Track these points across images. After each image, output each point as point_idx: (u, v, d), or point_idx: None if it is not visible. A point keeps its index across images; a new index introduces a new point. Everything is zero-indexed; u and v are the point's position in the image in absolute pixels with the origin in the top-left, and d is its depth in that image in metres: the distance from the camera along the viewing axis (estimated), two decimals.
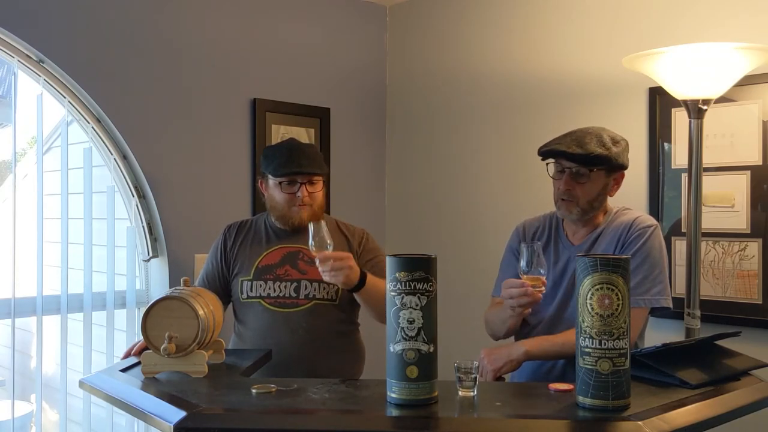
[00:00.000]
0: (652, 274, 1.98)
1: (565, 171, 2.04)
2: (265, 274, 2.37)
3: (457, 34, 3.55)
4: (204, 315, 1.87)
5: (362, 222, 2.61)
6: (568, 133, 2.06)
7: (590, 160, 1.99)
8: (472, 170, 3.50)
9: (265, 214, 2.49)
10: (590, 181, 2.03)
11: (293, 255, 2.38)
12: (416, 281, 1.50)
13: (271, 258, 2.39)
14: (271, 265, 2.38)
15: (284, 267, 2.37)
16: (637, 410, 1.47)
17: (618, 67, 2.73)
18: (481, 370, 2.01)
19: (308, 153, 2.38)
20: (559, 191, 2.06)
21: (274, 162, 2.34)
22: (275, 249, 2.40)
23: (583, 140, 2.01)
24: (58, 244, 2.91)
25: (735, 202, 2.64)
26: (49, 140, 3.27)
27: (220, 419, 1.53)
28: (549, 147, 2.05)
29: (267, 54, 3.39)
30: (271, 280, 2.35)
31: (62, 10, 2.78)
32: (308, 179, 2.34)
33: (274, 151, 2.40)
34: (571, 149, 1.99)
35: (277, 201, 2.36)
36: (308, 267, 2.33)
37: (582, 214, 2.06)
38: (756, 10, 2.58)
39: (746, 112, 2.60)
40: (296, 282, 2.35)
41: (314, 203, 2.36)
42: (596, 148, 1.99)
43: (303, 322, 2.32)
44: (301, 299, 2.34)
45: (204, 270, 2.51)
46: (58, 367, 2.95)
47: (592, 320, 1.47)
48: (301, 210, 2.34)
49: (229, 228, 2.51)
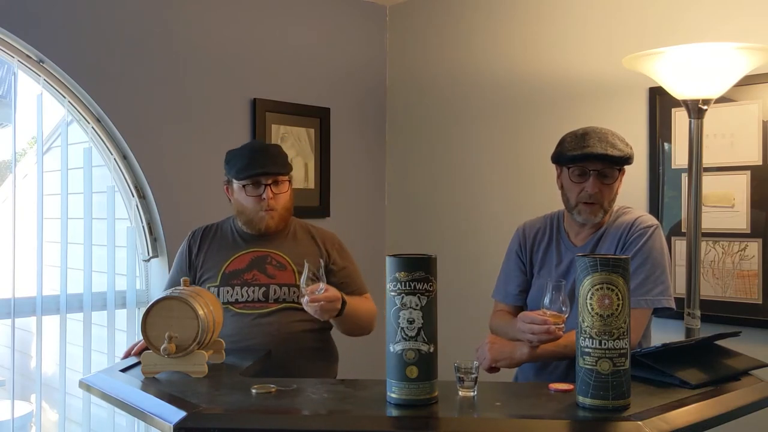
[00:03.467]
0: (653, 274, 1.97)
1: (589, 173, 1.99)
2: (232, 280, 2.31)
3: (457, 34, 3.55)
4: (204, 315, 1.87)
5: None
6: (583, 135, 2.01)
7: (624, 160, 1.98)
8: (472, 170, 3.50)
9: (232, 218, 2.43)
10: (615, 182, 2.01)
11: (261, 259, 2.32)
12: (416, 281, 1.49)
13: (239, 263, 2.33)
14: (238, 270, 2.32)
15: (252, 272, 2.31)
16: (637, 410, 1.47)
17: (618, 67, 2.73)
18: (478, 354, 2.02)
19: (271, 153, 2.33)
20: (584, 194, 2.00)
21: (237, 165, 2.29)
22: (242, 254, 2.34)
23: (609, 140, 1.98)
24: (58, 244, 2.91)
25: (735, 202, 2.64)
26: (49, 140, 3.27)
27: (220, 419, 1.53)
28: (582, 151, 1.97)
29: (267, 54, 3.39)
30: (239, 286, 2.29)
31: (62, 10, 2.78)
32: (273, 180, 2.29)
33: (236, 154, 2.34)
34: (609, 151, 1.95)
35: (244, 205, 2.31)
36: (277, 271, 2.30)
37: (603, 216, 2.04)
38: (756, 10, 2.58)
39: (746, 112, 2.60)
40: (265, 287, 2.29)
41: (279, 205, 2.31)
42: (626, 148, 1.98)
43: (275, 323, 2.27)
44: (270, 303, 2.29)
45: (170, 277, 2.45)
46: (57, 367, 2.95)
47: (592, 320, 1.47)
48: (267, 215, 2.29)
49: (194, 234, 2.44)
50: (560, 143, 2.07)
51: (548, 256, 2.13)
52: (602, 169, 1.98)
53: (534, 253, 2.18)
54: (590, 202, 2.00)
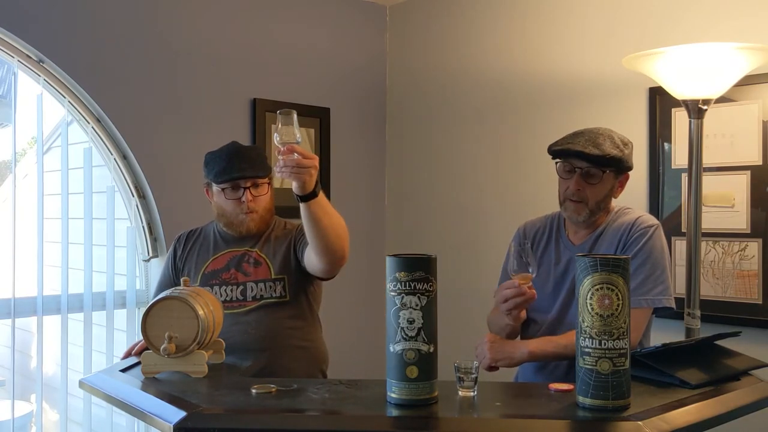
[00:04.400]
0: (653, 274, 1.97)
1: (575, 171, 2.01)
2: (211, 280, 2.30)
3: (457, 34, 3.55)
4: (204, 315, 1.87)
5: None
6: (578, 133, 2.03)
7: (606, 161, 1.97)
8: (472, 170, 3.50)
9: (215, 221, 2.42)
10: (601, 183, 2.00)
11: (239, 258, 2.31)
12: (416, 281, 1.49)
13: (218, 263, 2.32)
14: (216, 270, 2.31)
15: (230, 271, 2.30)
16: (637, 410, 1.47)
17: (618, 67, 2.73)
18: (477, 352, 2.01)
19: (249, 156, 2.30)
20: (568, 191, 2.02)
21: (215, 168, 2.28)
22: (221, 254, 2.33)
23: (597, 140, 1.98)
24: (58, 244, 2.91)
25: (735, 202, 2.64)
26: (49, 140, 3.27)
27: (220, 419, 1.53)
28: (563, 146, 2.01)
29: (267, 54, 3.39)
30: (217, 285, 2.28)
31: (62, 10, 2.78)
32: (252, 182, 2.27)
33: (214, 157, 2.32)
34: (587, 149, 1.96)
35: (224, 208, 2.30)
36: (253, 269, 2.29)
37: (589, 216, 2.03)
38: (756, 10, 2.58)
39: (746, 112, 2.60)
40: (242, 285, 2.28)
41: (260, 207, 2.29)
42: (611, 150, 1.97)
43: (253, 321, 2.25)
44: (248, 301, 2.27)
45: (158, 281, 2.46)
46: (58, 367, 2.95)
47: (592, 320, 1.47)
48: (248, 218, 2.28)
49: (179, 237, 2.45)
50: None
51: (546, 255, 2.13)
52: (587, 168, 1.99)
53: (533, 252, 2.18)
54: (574, 199, 2.01)
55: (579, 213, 2.02)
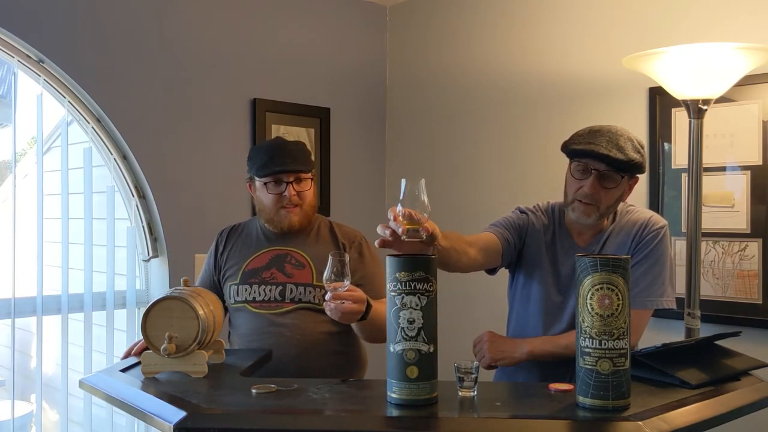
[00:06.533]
0: (662, 275, 1.96)
1: (591, 172, 1.92)
2: (250, 278, 2.28)
3: (457, 34, 3.55)
4: (204, 315, 1.87)
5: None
6: (596, 132, 1.94)
7: (629, 166, 1.90)
8: (472, 170, 3.50)
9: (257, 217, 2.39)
10: (617, 187, 1.93)
11: (281, 258, 2.28)
12: (416, 281, 1.49)
13: (259, 261, 2.30)
14: (257, 269, 2.29)
15: (270, 270, 2.27)
16: (637, 410, 1.47)
17: (618, 67, 2.73)
18: (477, 350, 2.01)
19: (292, 150, 2.27)
20: (580, 192, 1.94)
21: (258, 162, 2.25)
22: (263, 252, 2.31)
23: (619, 143, 1.89)
24: (58, 244, 2.91)
25: (735, 202, 2.64)
26: (49, 140, 3.27)
27: (220, 419, 1.53)
28: (584, 146, 1.91)
29: (267, 54, 3.39)
30: (257, 284, 2.27)
31: (62, 10, 2.78)
32: (295, 177, 2.23)
33: (257, 151, 2.30)
34: (612, 153, 1.87)
35: (265, 203, 2.27)
36: (295, 270, 2.26)
37: (598, 219, 1.97)
38: (756, 10, 2.58)
39: (746, 112, 2.60)
40: (281, 285, 2.25)
41: (303, 203, 2.26)
42: (634, 154, 1.90)
43: (290, 324, 2.22)
44: (286, 302, 2.24)
45: (200, 276, 2.45)
46: (58, 367, 2.95)
47: (592, 320, 1.47)
48: (289, 213, 2.25)
49: (222, 233, 2.43)
50: (573, 134, 2.00)
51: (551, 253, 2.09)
52: (605, 170, 1.91)
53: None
54: (586, 201, 1.94)
55: (588, 215, 1.95)
